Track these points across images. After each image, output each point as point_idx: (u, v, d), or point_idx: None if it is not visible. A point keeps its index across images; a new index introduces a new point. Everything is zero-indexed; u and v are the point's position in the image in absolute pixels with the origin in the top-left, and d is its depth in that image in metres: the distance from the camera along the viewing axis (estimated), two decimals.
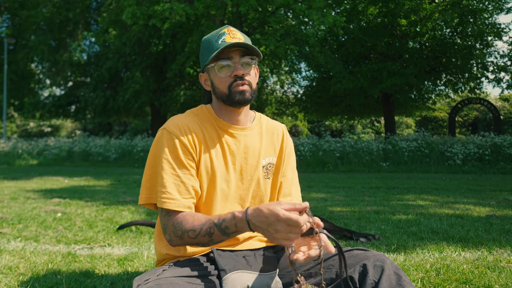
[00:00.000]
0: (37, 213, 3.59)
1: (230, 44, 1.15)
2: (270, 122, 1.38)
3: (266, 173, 1.30)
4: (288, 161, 1.37)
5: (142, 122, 26.23)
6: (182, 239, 1.09)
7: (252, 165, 1.26)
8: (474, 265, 1.94)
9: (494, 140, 10.59)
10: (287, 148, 1.37)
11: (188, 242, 1.09)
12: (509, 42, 13.26)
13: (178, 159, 1.16)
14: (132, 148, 13.18)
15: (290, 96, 19.42)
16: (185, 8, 9.41)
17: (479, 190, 5.39)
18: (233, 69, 1.18)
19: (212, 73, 1.22)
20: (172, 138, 1.17)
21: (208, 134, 1.22)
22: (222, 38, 1.18)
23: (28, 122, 34.31)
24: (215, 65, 1.19)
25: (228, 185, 1.23)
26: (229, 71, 1.18)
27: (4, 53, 18.11)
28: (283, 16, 10.61)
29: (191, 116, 1.25)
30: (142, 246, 2.42)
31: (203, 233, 1.05)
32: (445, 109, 25.52)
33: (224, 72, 1.19)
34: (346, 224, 3.09)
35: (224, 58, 1.18)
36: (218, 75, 1.19)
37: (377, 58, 14.39)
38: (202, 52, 1.25)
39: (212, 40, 1.20)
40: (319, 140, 11.91)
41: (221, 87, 1.20)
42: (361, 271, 1.03)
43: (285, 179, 1.35)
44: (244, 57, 1.19)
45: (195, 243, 1.08)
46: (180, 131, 1.18)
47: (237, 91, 1.18)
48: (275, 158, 1.34)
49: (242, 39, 1.20)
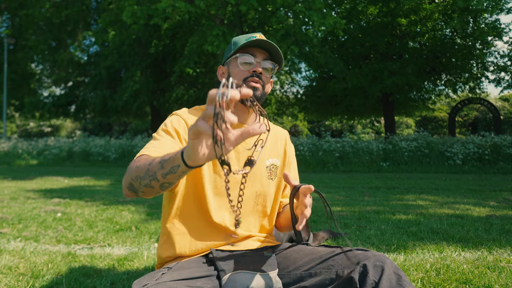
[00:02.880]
0: (37, 213, 3.59)
1: (261, 40, 1.22)
2: (274, 126, 1.42)
3: (269, 174, 1.31)
4: (291, 166, 1.41)
5: (142, 122, 26.21)
6: (129, 172, 1.01)
7: (256, 164, 1.27)
8: (474, 265, 1.94)
9: (494, 140, 10.59)
10: (290, 153, 1.41)
11: (131, 173, 1.00)
12: (509, 42, 13.26)
13: (173, 130, 1.19)
14: (132, 148, 13.18)
15: (290, 96, 19.42)
16: (186, 6, 9.41)
17: (479, 190, 5.39)
18: (253, 66, 1.24)
19: (232, 64, 1.27)
20: (175, 117, 1.23)
21: None
22: (253, 38, 1.25)
23: (28, 122, 34.31)
24: (238, 57, 1.24)
25: (230, 180, 1.23)
26: (249, 67, 1.24)
27: (4, 53, 18.11)
28: (284, 17, 10.61)
29: (198, 110, 1.30)
30: (142, 246, 2.42)
31: (147, 161, 0.97)
32: (445, 109, 25.53)
33: (244, 66, 1.24)
34: (346, 224, 3.09)
35: (249, 54, 1.24)
36: (238, 67, 1.24)
37: (377, 58, 14.39)
38: (229, 47, 1.31)
39: (242, 38, 1.27)
40: (319, 140, 11.91)
41: (237, 78, 1.24)
42: (361, 271, 1.03)
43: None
44: (267, 61, 1.26)
45: (134, 176, 0.98)
46: (186, 115, 1.24)
47: (249, 86, 1.22)
48: (279, 161, 1.36)
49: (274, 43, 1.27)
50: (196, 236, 1.22)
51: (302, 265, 1.14)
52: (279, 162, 1.36)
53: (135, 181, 0.98)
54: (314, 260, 1.14)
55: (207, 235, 1.22)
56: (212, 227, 1.23)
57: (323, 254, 1.14)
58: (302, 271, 1.13)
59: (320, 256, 1.14)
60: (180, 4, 9.30)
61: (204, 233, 1.22)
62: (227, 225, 1.23)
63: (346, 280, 1.04)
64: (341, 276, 1.05)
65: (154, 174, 0.92)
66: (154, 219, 3.36)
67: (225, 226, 1.23)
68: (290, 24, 10.54)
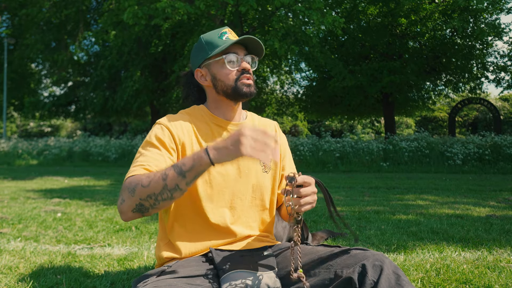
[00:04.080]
0: (37, 213, 3.59)
1: (245, 38, 1.22)
2: (261, 119, 1.44)
3: (263, 167, 1.32)
4: (285, 155, 1.42)
5: (142, 122, 26.22)
6: (134, 193, 1.00)
7: (249, 159, 1.27)
8: (474, 265, 1.94)
9: (494, 140, 10.59)
10: (281, 143, 1.42)
11: (139, 195, 1.00)
12: (509, 42, 13.26)
13: (158, 141, 1.18)
14: (132, 148, 13.18)
15: (290, 96, 19.42)
16: (186, 7, 9.41)
17: (479, 190, 5.39)
18: (239, 64, 1.25)
19: (215, 67, 1.26)
20: (158, 127, 1.22)
21: (200, 131, 1.26)
22: (226, 36, 1.26)
23: (28, 122, 34.31)
24: (222, 59, 1.24)
25: (225, 179, 1.23)
26: (236, 65, 1.25)
27: (4, 53, 18.11)
28: (284, 16, 10.61)
29: (183, 114, 1.29)
30: (142, 246, 2.42)
31: (158, 176, 0.99)
32: (445, 109, 25.53)
33: (230, 65, 1.24)
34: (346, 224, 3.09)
35: (232, 53, 1.25)
36: (226, 68, 1.24)
37: (377, 58, 14.39)
38: (200, 49, 1.29)
39: (214, 37, 1.27)
40: (319, 140, 11.91)
41: (226, 80, 1.24)
42: (360, 271, 1.03)
43: (285, 172, 1.40)
44: (248, 56, 1.27)
45: (145, 196, 0.99)
46: (169, 123, 1.23)
47: (244, 84, 1.24)
48: None
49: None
50: (196, 239, 1.22)
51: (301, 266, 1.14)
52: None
53: (147, 200, 1.00)
54: (314, 260, 1.14)
55: (206, 236, 1.22)
56: (211, 228, 1.23)
57: (322, 254, 1.14)
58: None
59: (319, 256, 1.14)
60: (179, 4, 9.29)
61: (203, 235, 1.23)
62: (226, 224, 1.23)
63: (345, 280, 1.04)
64: (340, 276, 1.05)
65: (177, 186, 0.98)
66: (154, 219, 3.36)
67: (223, 226, 1.23)
68: (290, 24, 10.53)
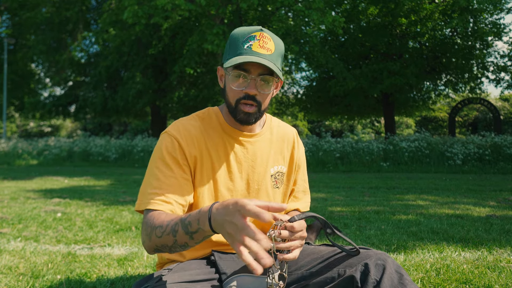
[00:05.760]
0: (37, 213, 3.59)
1: (248, 62, 1.04)
2: (281, 127, 1.30)
3: (275, 182, 1.25)
4: (299, 169, 1.33)
5: (142, 122, 26.24)
6: (150, 239, 0.98)
7: (260, 174, 1.21)
8: (474, 265, 1.94)
9: (494, 140, 10.58)
10: (298, 156, 1.32)
11: (155, 242, 0.97)
12: (509, 42, 13.27)
13: (170, 159, 1.10)
14: (132, 148, 13.17)
15: (290, 96, 19.43)
16: (187, 4, 9.41)
17: (479, 190, 5.39)
18: (247, 84, 1.07)
19: (228, 75, 1.11)
20: (169, 140, 1.12)
21: (211, 141, 1.16)
22: (250, 43, 1.06)
23: (28, 122, 34.31)
24: (231, 71, 1.08)
25: (232, 195, 1.17)
26: (243, 84, 1.08)
27: (4, 53, 18.11)
28: (284, 16, 10.62)
29: (195, 120, 1.18)
30: (142, 246, 2.42)
31: (168, 230, 0.94)
32: (445, 109, 25.53)
33: (237, 84, 1.08)
34: (346, 224, 3.09)
35: (242, 69, 1.06)
36: (230, 84, 1.09)
37: (377, 58, 14.39)
38: (227, 48, 1.13)
39: (240, 39, 1.08)
40: (319, 140, 11.90)
41: (230, 97, 1.11)
42: (362, 270, 1.03)
43: (296, 186, 1.34)
44: (262, 76, 1.07)
45: (160, 245, 0.97)
46: (179, 134, 1.13)
47: (242, 111, 1.09)
48: (284, 167, 1.28)
49: (272, 50, 1.07)
50: (198, 245, 1.18)
51: (304, 265, 1.14)
52: (285, 168, 1.28)
53: (162, 249, 0.99)
54: (316, 260, 1.13)
55: (208, 242, 1.19)
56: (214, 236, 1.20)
57: (324, 254, 1.14)
58: (303, 270, 1.13)
59: (322, 256, 1.14)
60: (180, 1, 9.29)
61: (206, 241, 1.19)
62: None
63: (348, 279, 1.03)
64: (343, 275, 1.05)
65: (186, 244, 0.93)
66: None
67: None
68: (290, 24, 10.55)
